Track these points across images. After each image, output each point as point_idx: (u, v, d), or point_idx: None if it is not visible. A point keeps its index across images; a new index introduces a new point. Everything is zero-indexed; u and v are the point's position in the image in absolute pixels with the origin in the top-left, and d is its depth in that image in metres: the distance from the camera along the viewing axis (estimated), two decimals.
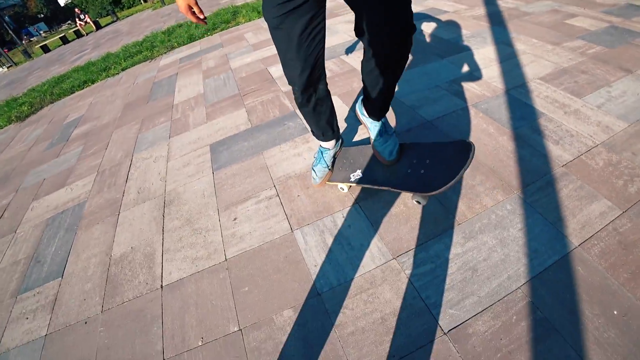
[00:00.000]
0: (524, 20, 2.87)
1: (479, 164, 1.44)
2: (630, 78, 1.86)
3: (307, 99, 1.17)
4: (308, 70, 1.06)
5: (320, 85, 1.15)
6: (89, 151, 2.49)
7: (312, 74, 1.08)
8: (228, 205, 1.55)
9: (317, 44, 1.02)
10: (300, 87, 1.11)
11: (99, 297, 1.34)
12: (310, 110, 1.22)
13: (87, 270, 1.47)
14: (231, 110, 2.39)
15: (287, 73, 1.11)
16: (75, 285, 1.43)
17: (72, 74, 5.15)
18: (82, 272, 1.47)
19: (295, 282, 1.17)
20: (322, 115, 1.26)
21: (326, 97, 1.22)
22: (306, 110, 1.23)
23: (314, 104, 1.20)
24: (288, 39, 0.99)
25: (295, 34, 0.97)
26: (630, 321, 0.89)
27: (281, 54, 1.07)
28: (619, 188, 1.24)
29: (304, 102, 1.18)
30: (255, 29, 4.39)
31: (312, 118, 1.27)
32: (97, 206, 1.84)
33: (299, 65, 1.04)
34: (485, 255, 1.10)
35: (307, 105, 1.20)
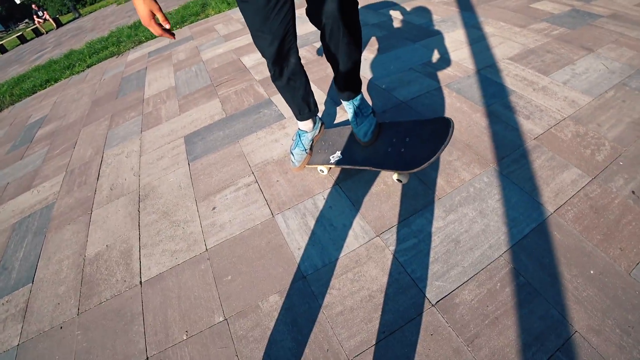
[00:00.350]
0: (491, 5, 2.95)
1: (455, 140, 1.47)
2: (592, 56, 1.95)
3: (280, 72, 1.17)
4: (277, 42, 1.06)
5: (291, 58, 1.15)
6: (55, 151, 2.35)
7: (281, 46, 1.08)
8: (206, 195, 1.50)
9: (285, 14, 1.03)
10: (271, 59, 1.11)
11: (74, 300, 1.26)
12: (284, 84, 1.21)
13: (59, 273, 1.38)
14: (204, 101, 2.31)
15: (258, 45, 1.11)
16: (48, 290, 1.34)
17: (33, 74, 4.84)
18: (54, 275, 1.38)
19: (279, 267, 1.14)
20: (297, 91, 1.25)
21: (299, 73, 1.21)
22: (280, 84, 1.22)
23: (287, 78, 1.19)
24: (255, 10, 1.00)
25: (261, 5, 0.99)
26: (606, 279, 0.93)
27: (250, 27, 1.07)
28: (587, 157, 1.30)
29: (277, 75, 1.18)
30: (226, 20, 4.27)
31: (287, 93, 1.26)
32: (67, 206, 1.73)
33: (268, 36, 1.05)
34: (467, 226, 1.12)
35: (280, 79, 1.20)
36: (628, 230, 1.04)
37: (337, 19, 0.99)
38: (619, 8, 2.58)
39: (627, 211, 1.09)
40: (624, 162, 1.26)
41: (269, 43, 1.07)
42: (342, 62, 1.13)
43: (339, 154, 1.36)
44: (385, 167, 1.19)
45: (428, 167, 1.35)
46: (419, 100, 1.78)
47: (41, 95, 3.88)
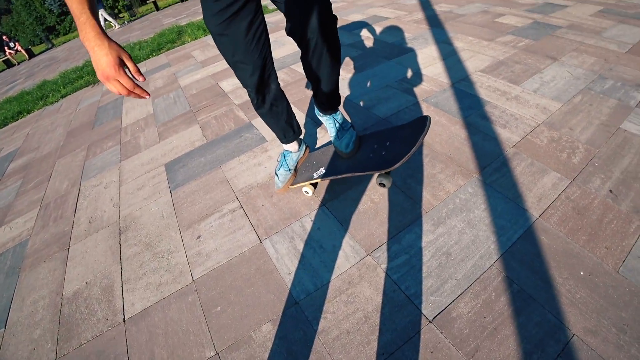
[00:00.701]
0: (458, 21, 3.09)
1: (437, 153, 1.49)
2: (557, 64, 2.06)
3: (262, 100, 1.18)
4: (259, 71, 1.08)
5: (272, 85, 1.16)
6: (29, 185, 2.24)
7: (262, 74, 1.10)
8: (190, 224, 1.46)
9: (263, 44, 1.05)
10: (254, 88, 1.12)
11: (51, 344, 1.17)
12: (267, 111, 1.22)
13: (34, 315, 1.29)
14: (184, 128, 2.28)
15: (239, 76, 1.11)
16: (22, 335, 1.24)
17: (4, 105, 4.67)
18: (29, 318, 1.28)
19: (270, 294, 1.10)
20: (280, 115, 1.26)
21: (281, 97, 1.23)
22: (263, 111, 1.23)
23: (270, 104, 1.20)
24: (234, 43, 1.01)
25: (240, 37, 1.00)
26: (596, 279, 0.95)
27: (230, 59, 1.07)
28: (564, 160, 1.34)
29: (260, 103, 1.19)
30: (203, 46, 4.30)
31: (271, 119, 1.27)
32: (43, 242, 1.64)
33: (249, 67, 1.06)
34: (456, 238, 1.12)
35: (263, 106, 1.20)
36: (611, 228, 1.07)
37: (321, 34, 1.00)
38: (575, 19, 2.76)
39: (607, 210, 1.13)
40: (599, 163, 1.31)
41: (250, 73, 1.07)
42: (325, 78, 1.15)
43: (322, 170, 1.36)
44: (368, 170, 1.19)
45: (413, 182, 1.37)
46: (398, 115, 1.81)
47: (13, 127, 3.74)
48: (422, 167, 1.43)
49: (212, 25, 0.99)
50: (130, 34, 8.10)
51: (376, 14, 3.80)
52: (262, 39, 1.04)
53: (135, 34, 7.60)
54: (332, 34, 1.04)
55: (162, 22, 8.23)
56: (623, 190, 1.19)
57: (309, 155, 1.50)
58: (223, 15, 0.95)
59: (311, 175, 1.37)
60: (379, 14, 3.77)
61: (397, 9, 3.83)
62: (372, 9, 4.05)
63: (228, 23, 0.97)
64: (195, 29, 5.17)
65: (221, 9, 0.94)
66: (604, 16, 2.76)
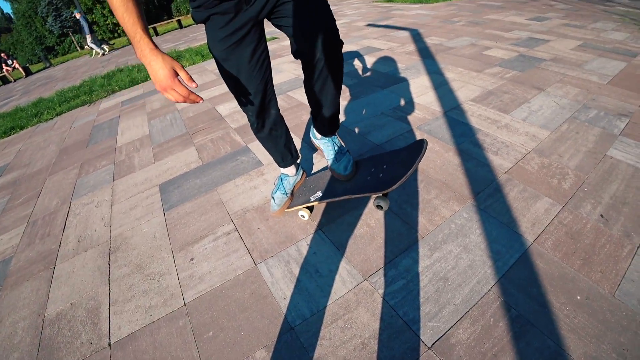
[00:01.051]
0: (449, 53, 3.25)
1: (432, 179, 1.52)
2: (543, 94, 2.16)
3: (262, 124, 1.20)
4: (260, 95, 1.11)
5: (272, 109, 1.19)
6: (16, 201, 2.18)
7: (264, 99, 1.12)
8: (183, 246, 1.43)
9: (265, 70, 1.09)
10: (255, 112, 1.15)
11: None
12: (267, 135, 1.24)
13: (13, 337, 1.21)
14: (180, 149, 2.28)
15: (241, 100, 1.13)
16: None
17: None
18: (7, 340, 1.21)
19: (264, 319, 1.07)
20: (279, 139, 1.28)
21: (280, 122, 1.25)
22: (263, 136, 1.25)
23: (269, 129, 1.22)
24: (238, 68, 1.04)
25: (244, 63, 1.03)
26: (593, 303, 0.95)
27: (232, 85, 1.09)
28: (555, 186, 1.38)
29: (260, 128, 1.21)
30: (200, 71, 4.39)
31: (270, 143, 1.29)
32: (27, 261, 1.57)
33: (251, 91, 1.09)
34: (453, 263, 1.12)
35: (262, 131, 1.22)
36: (604, 252, 1.08)
37: (329, 56, 1.03)
38: (557, 52, 2.92)
39: (600, 234, 1.15)
40: (589, 189, 1.35)
41: (252, 97, 1.10)
42: (329, 100, 1.17)
43: (319, 193, 1.36)
44: (366, 192, 1.20)
45: (409, 207, 1.38)
46: (392, 142, 1.85)
47: (4, 142, 3.68)
48: (418, 193, 1.45)
49: (217, 50, 1.02)
50: (129, 56, 8.25)
51: (370, 45, 3.97)
52: (264, 65, 1.08)
53: (134, 57, 7.74)
54: (338, 58, 1.07)
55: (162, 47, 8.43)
56: (613, 214, 1.22)
57: (305, 180, 1.51)
58: (228, 41, 0.99)
59: (308, 199, 1.37)
60: (373, 45, 3.94)
61: (389, 41, 4.01)
62: (366, 40, 4.23)
63: (233, 49, 1.00)
64: (194, 55, 5.30)
65: (227, 35, 0.98)
66: (584, 50, 2.94)
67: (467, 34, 3.93)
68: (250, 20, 0.98)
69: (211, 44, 1.02)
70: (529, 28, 3.91)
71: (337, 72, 1.10)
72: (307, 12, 0.98)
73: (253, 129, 1.23)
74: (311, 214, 1.43)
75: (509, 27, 4.06)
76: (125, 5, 0.75)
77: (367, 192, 1.19)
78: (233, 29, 0.97)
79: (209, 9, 0.95)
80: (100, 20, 20.60)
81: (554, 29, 3.76)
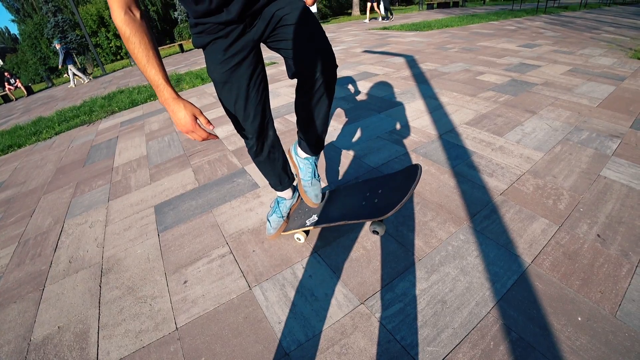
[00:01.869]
0: (443, 78, 3.34)
1: (428, 202, 1.52)
2: (536, 117, 2.21)
3: (261, 147, 1.21)
4: (259, 118, 1.12)
5: (270, 131, 1.21)
6: (9, 220, 2.15)
7: (262, 121, 1.14)
8: (177, 268, 1.40)
9: (262, 92, 1.11)
10: (254, 135, 1.16)
11: None
12: (265, 158, 1.25)
13: None
14: (177, 171, 2.29)
15: (239, 123, 1.14)
16: None
17: None
18: None
19: (258, 344, 1.04)
20: (277, 162, 1.29)
21: (277, 143, 1.27)
22: (261, 159, 1.25)
23: (268, 151, 1.23)
24: (237, 91, 1.06)
25: (243, 86, 1.06)
26: (594, 324, 0.93)
27: (231, 107, 1.10)
28: (551, 206, 1.38)
29: (258, 151, 1.21)
30: (200, 94, 4.48)
31: (268, 166, 1.29)
32: (16, 281, 1.53)
33: (250, 113, 1.10)
34: (451, 286, 1.11)
35: (261, 154, 1.23)
36: (603, 272, 1.07)
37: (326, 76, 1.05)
38: (548, 77, 3.02)
39: (597, 254, 1.14)
40: (584, 209, 1.36)
41: (251, 121, 1.12)
42: (321, 118, 1.18)
43: (315, 217, 1.35)
44: (362, 218, 1.19)
45: (405, 229, 1.37)
46: (389, 165, 1.87)
47: (1, 160, 3.67)
48: (414, 215, 1.45)
49: (216, 73, 1.04)
50: (130, 78, 8.42)
51: (366, 70, 4.08)
52: (261, 87, 1.10)
53: (135, 79, 7.90)
54: (334, 77, 1.10)
55: None
56: (610, 234, 1.22)
57: (301, 203, 1.51)
58: (228, 64, 1.01)
59: (304, 223, 1.36)
60: (369, 70, 4.05)
61: (385, 67, 4.13)
62: (362, 65, 4.36)
63: (233, 71, 1.03)
64: (194, 78, 5.42)
65: (227, 57, 1.01)
66: (574, 75, 3.04)
67: (460, 60, 4.06)
68: (250, 42, 1.02)
69: (211, 67, 1.04)
70: (520, 54, 4.05)
71: (332, 91, 1.13)
72: (306, 35, 1.00)
73: (251, 153, 1.23)
74: (307, 236, 1.42)
75: (500, 53, 4.21)
76: (147, 57, 0.84)
77: (362, 218, 1.19)
78: (234, 51, 1.00)
79: (211, 34, 0.98)
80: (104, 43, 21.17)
81: (544, 55, 3.91)
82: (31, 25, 20.98)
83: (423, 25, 7.45)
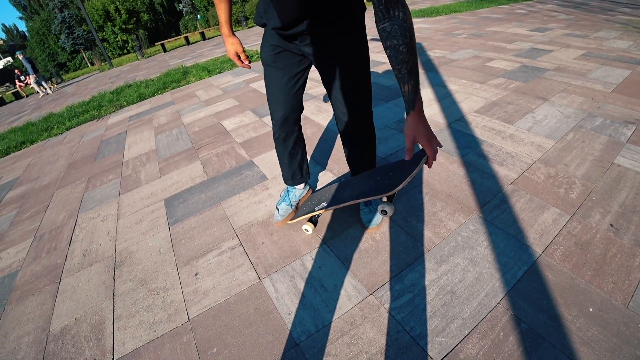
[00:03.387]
0: (452, 65, 3.27)
1: (437, 192, 1.51)
2: (547, 104, 2.15)
3: (284, 137, 1.28)
4: (286, 109, 1.20)
5: (294, 127, 1.28)
6: (24, 215, 2.21)
7: (291, 112, 1.22)
8: (188, 260, 1.42)
9: (299, 88, 1.19)
10: (278, 122, 1.24)
11: None
12: (284, 148, 1.32)
13: (16, 352, 1.21)
14: (186, 164, 2.31)
15: (271, 107, 1.24)
16: None
17: (8, 135, 4.72)
18: (11, 355, 1.20)
19: (269, 335, 1.06)
20: (295, 157, 1.35)
21: (300, 141, 1.33)
22: (281, 148, 1.33)
23: (289, 145, 1.31)
24: (279, 75, 1.15)
25: (281, 75, 1.15)
26: (606, 315, 0.92)
27: (269, 89, 1.21)
28: (562, 195, 1.36)
29: (281, 140, 1.29)
30: (207, 86, 4.48)
31: (286, 159, 1.35)
32: (33, 275, 1.58)
33: (279, 102, 1.19)
34: (460, 276, 1.10)
35: (282, 144, 1.31)
36: (616, 262, 1.06)
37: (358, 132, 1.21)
38: (560, 62, 2.93)
39: (610, 244, 1.12)
40: (597, 197, 1.33)
41: (278, 109, 1.21)
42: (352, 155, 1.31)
43: (324, 204, 1.36)
44: (368, 196, 1.19)
45: (414, 220, 1.37)
46: (397, 155, 1.85)
47: (15, 156, 3.76)
48: (423, 206, 1.44)
49: (264, 54, 1.15)
50: (137, 72, 8.46)
51: (373, 58, 4.01)
52: (299, 83, 1.18)
53: (142, 73, 7.94)
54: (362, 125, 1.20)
55: (169, 62, 8.64)
56: (623, 223, 1.19)
57: (311, 195, 1.52)
58: (276, 49, 1.10)
59: (312, 209, 1.37)
60: (376, 58, 3.98)
61: None
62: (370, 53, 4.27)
63: (277, 58, 1.12)
64: (200, 70, 5.42)
65: (276, 44, 1.09)
66: (588, 59, 2.94)
67: (469, 46, 3.97)
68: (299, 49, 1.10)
69: (263, 46, 1.15)
70: (531, 39, 3.93)
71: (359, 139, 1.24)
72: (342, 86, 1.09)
73: (274, 139, 1.32)
74: (315, 227, 1.42)
75: (511, 38, 4.09)
76: (219, 9, 1.16)
77: (370, 195, 1.19)
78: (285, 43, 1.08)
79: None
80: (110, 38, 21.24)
81: (556, 39, 3.79)
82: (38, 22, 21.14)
83: (430, 11, 7.27)
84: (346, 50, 1.02)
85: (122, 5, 20.49)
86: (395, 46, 0.76)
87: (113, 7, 20.26)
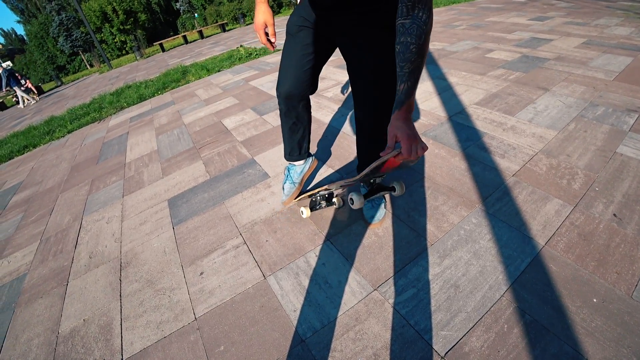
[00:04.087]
0: (451, 57, 3.25)
1: (439, 185, 1.51)
2: (549, 94, 2.13)
3: (285, 112, 1.28)
4: (297, 83, 1.18)
5: (300, 104, 1.26)
6: (30, 218, 2.23)
7: (296, 88, 1.20)
8: (193, 260, 1.44)
9: (314, 66, 1.16)
10: (282, 94, 1.22)
11: None
12: (286, 123, 1.33)
13: (27, 354, 1.23)
14: (188, 164, 2.32)
15: (279, 78, 1.22)
16: None
17: (11, 140, 4.75)
18: (22, 357, 1.22)
19: (275, 332, 1.07)
20: (295, 134, 1.36)
21: (304, 119, 1.33)
22: (284, 121, 1.33)
23: (292, 122, 1.31)
24: (298, 48, 1.13)
25: (305, 47, 1.12)
26: (610, 306, 0.92)
27: (283, 60, 1.19)
28: (565, 186, 1.36)
29: (282, 112, 1.30)
30: (206, 85, 4.47)
31: (287, 133, 1.37)
32: (41, 277, 1.60)
33: (289, 73, 1.18)
34: (464, 270, 1.11)
35: (284, 117, 1.31)
36: (619, 252, 1.06)
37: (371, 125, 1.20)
38: (561, 51, 2.90)
39: (614, 234, 1.12)
40: (599, 188, 1.32)
41: (286, 81, 1.19)
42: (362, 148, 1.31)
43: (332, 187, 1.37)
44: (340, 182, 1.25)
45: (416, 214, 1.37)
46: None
47: (18, 161, 3.79)
48: (425, 200, 1.44)
49: (290, 23, 1.12)
50: (136, 73, 8.46)
51: None
52: (312, 62, 1.15)
53: (141, 74, 7.93)
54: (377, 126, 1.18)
55: (168, 62, 8.63)
56: (627, 213, 1.19)
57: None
58: (304, 22, 1.08)
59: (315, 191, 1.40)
60: None
61: None
62: None
63: (301, 30, 1.10)
64: (199, 69, 5.41)
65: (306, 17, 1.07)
66: (589, 47, 2.91)
67: (468, 37, 3.93)
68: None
69: (293, 15, 1.12)
70: (531, 28, 3.90)
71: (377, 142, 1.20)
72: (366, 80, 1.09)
73: (279, 109, 1.32)
74: (311, 212, 1.44)
75: (510, 28, 4.06)
76: None
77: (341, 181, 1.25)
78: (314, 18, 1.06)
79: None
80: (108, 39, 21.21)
81: (556, 28, 3.75)
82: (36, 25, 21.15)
83: None
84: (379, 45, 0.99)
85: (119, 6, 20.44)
86: (407, 43, 0.74)
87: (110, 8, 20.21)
